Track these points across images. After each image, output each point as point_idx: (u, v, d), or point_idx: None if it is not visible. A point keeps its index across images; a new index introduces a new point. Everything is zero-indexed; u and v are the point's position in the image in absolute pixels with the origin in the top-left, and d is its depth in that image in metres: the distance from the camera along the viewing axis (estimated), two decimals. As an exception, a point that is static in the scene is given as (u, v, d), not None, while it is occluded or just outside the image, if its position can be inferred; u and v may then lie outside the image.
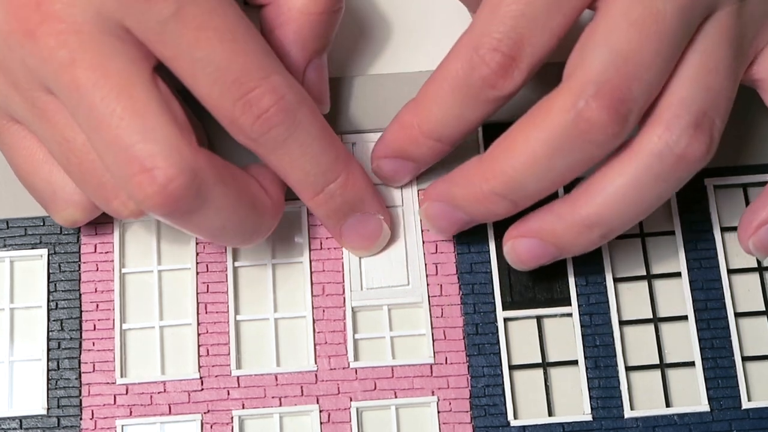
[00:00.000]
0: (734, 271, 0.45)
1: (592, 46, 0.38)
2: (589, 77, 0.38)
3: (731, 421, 0.42)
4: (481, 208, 0.41)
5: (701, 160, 0.39)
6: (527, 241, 0.41)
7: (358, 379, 0.43)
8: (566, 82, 0.38)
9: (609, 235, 0.40)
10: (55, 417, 0.42)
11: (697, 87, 0.39)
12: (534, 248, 0.41)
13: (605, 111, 0.37)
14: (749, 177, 0.46)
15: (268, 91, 0.38)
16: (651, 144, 0.38)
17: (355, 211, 0.42)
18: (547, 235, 0.41)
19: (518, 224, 0.42)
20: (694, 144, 0.38)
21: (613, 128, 0.38)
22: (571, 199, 0.40)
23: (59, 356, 0.43)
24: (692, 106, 0.38)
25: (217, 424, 0.42)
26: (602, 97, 0.37)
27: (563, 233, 0.40)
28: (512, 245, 0.42)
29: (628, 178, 0.39)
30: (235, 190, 0.39)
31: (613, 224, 0.40)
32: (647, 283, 0.44)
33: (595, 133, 0.38)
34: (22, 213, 0.44)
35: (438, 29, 0.47)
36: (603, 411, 0.42)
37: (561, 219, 0.40)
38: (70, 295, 0.43)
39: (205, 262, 0.44)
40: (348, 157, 0.42)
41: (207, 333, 0.43)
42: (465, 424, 0.42)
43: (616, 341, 0.43)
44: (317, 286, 0.44)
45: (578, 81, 0.38)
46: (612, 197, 0.39)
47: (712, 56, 0.39)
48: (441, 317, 0.43)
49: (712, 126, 0.39)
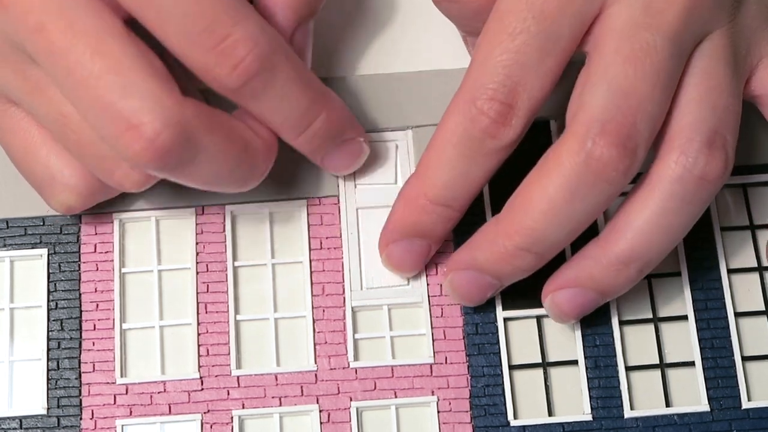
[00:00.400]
0: (734, 271, 0.45)
1: (590, 86, 0.38)
2: (593, 117, 0.38)
3: (731, 421, 0.42)
4: (507, 267, 0.40)
5: (721, 178, 0.39)
6: (566, 292, 0.41)
7: (358, 378, 0.43)
8: (570, 127, 0.38)
9: (646, 269, 0.40)
10: (55, 417, 0.42)
11: (704, 107, 0.39)
12: (575, 297, 0.41)
13: (614, 148, 0.37)
14: (749, 177, 0.46)
15: (242, 39, 0.37)
16: (669, 171, 0.38)
17: (337, 141, 0.42)
18: (585, 280, 0.40)
19: (554, 277, 0.41)
20: (711, 163, 0.38)
21: (624, 163, 0.38)
22: (601, 240, 0.40)
23: (59, 356, 0.43)
24: (702, 126, 0.39)
25: (217, 424, 0.42)
26: (608, 134, 0.37)
27: (601, 276, 0.40)
28: (552, 299, 0.41)
29: (653, 209, 0.39)
30: (225, 137, 0.38)
31: (648, 256, 0.40)
32: (647, 283, 0.44)
33: (608, 171, 0.38)
34: (22, 213, 0.44)
35: (439, 29, 0.47)
36: (603, 411, 0.42)
37: (596, 262, 0.40)
38: (70, 294, 0.43)
39: (205, 262, 0.44)
40: (326, 93, 0.41)
41: (207, 333, 0.43)
42: (465, 424, 0.42)
43: (616, 341, 0.43)
44: (317, 286, 0.44)
45: (582, 123, 0.38)
46: (641, 229, 0.39)
47: (712, 75, 0.39)
48: (441, 317, 0.43)
49: (725, 143, 0.39)
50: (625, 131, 0.38)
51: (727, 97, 0.39)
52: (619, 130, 0.38)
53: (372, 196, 0.45)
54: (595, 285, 0.40)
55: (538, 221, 0.39)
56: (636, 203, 0.39)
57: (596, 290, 0.41)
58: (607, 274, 0.40)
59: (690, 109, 0.39)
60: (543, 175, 0.39)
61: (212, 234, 0.44)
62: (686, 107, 0.39)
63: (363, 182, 0.45)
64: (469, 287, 0.42)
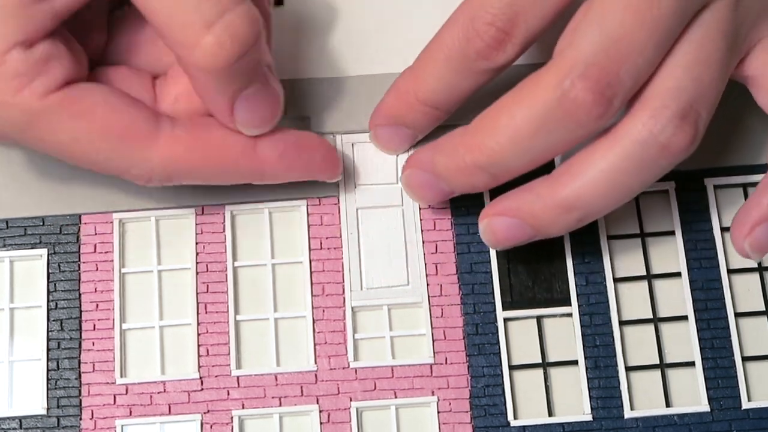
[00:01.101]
0: (734, 271, 0.45)
1: (585, 26, 0.38)
2: (578, 58, 0.38)
3: (731, 421, 0.42)
4: (461, 179, 0.41)
5: (684, 152, 0.39)
6: (504, 220, 0.41)
7: (358, 379, 0.43)
8: (555, 60, 0.39)
9: (585, 219, 0.40)
10: (55, 417, 0.42)
11: (687, 78, 0.39)
12: (511, 228, 0.41)
13: (590, 93, 0.38)
14: (749, 177, 0.46)
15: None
16: (635, 131, 0.38)
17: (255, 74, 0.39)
18: (525, 215, 0.41)
19: (496, 202, 0.42)
20: (678, 135, 0.38)
21: (597, 110, 0.38)
22: (551, 179, 0.40)
23: (59, 356, 0.43)
24: (680, 96, 0.38)
25: (217, 424, 0.42)
26: (588, 78, 0.38)
27: (541, 214, 0.40)
28: (488, 223, 0.42)
29: (609, 163, 0.39)
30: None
31: (591, 208, 0.40)
32: (647, 283, 0.44)
33: (579, 114, 0.38)
34: (22, 213, 0.44)
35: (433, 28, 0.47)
36: (603, 411, 0.42)
37: (540, 199, 0.40)
38: (69, 295, 0.43)
39: (205, 262, 0.44)
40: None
41: (207, 333, 0.43)
42: (465, 424, 0.42)
43: (616, 341, 0.43)
44: (317, 286, 0.44)
45: (566, 60, 0.38)
46: (592, 181, 0.39)
47: (704, 48, 0.39)
48: (441, 317, 0.43)
49: (697, 118, 0.39)
50: (607, 79, 0.38)
51: (714, 72, 0.39)
52: (600, 77, 0.38)
53: (372, 196, 0.45)
54: (534, 222, 0.40)
55: (500, 144, 0.39)
56: (595, 153, 0.39)
57: (533, 226, 0.41)
58: (547, 215, 0.40)
59: (674, 75, 0.39)
60: (515, 101, 0.39)
61: (212, 234, 0.44)
62: (671, 72, 0.39)
63: (363, 182, 0.45)
64: (424, 188, 0.43)
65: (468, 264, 0.44)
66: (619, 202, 0.40)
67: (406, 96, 0.43)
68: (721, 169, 0.45)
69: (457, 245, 0.44)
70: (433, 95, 0.42)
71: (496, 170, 0.40)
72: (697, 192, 0.45)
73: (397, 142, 0.45)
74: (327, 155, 0.43)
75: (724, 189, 0.46)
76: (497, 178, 0.40)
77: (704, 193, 0.45)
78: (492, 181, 0.41)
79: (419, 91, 0.42)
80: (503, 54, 0.40)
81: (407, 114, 0.43)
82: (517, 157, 0.39)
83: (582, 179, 0.39)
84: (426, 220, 0.45)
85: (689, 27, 0.39)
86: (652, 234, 0.45)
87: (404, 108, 0.43)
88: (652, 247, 0.45)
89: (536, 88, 0.38)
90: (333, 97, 0.46)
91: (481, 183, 0.41)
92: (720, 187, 0.46)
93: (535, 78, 0.39)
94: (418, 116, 0.43)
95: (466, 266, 0.44)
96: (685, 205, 0.45)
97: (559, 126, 0.38)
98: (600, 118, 0.38)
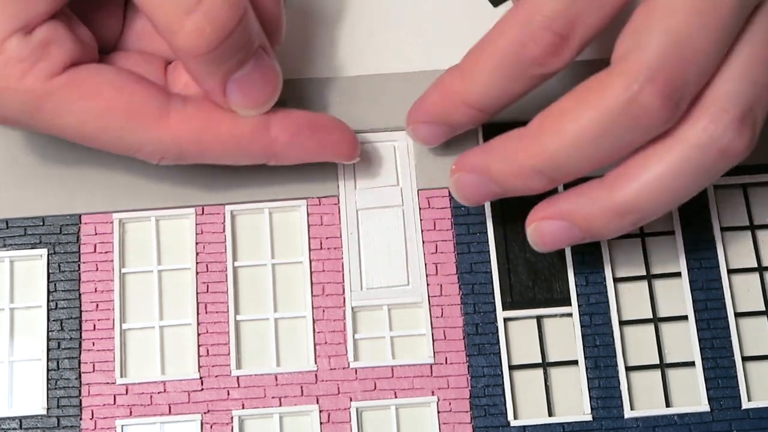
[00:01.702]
0: (734, 271, 0.45)
1: (649, 27, 0.37)
2: (645, 61, 0.37)
3: (731, 421, 0.42)
4: (518, 183, 0.40)
5: (742, 155, 0.38)
6: (554, 224, 0.41)
7: (358, 379, 0.43)
8: (620, 64, 0.38)
9: (639, 223, 0.40)
10: (55, 417, 0.42)
11: (746, 80, 0.38)
12: (560, 231, 0.40)
13: (659, 97, 0.37)
14: (749, 177, 0.46)
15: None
16: (695, 135, 0.38)
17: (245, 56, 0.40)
18: (578, 218, 0.40)
19: (546, 205, 0.41)
20: (737, 139, 0.38)
21: (665, 114, 0.37)
22: (606, 182, 0.40)
23: (59, 356, 0.43)
24: (739, 100, 0.38)
25: (217, 424, 0.42)
26: (657, 82, 0.37)
27: (595, 218, 0.40)
28: (537, 227, 0.41)
29: (667, 167, 0.38)
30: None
31: (646, 212, 0.39)
32: (647, 283, 0.44)
33: (647, 119, 0.37)
34: (22, 213, 0.44)
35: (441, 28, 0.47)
36: (603, 411, 0.42)
37: (594, 203, 0.40)
38: (70, 295, 0.43)
39: (205, 262, 0.44)
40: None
41: (207, 333, 0.43)
42: (465, 424, 0.42)
43: (616, 341, 0.43)
44: (317, 286, 0.44)
45: (633, 64, 0.37)
46: (649, 185, 0.39)
47: (762, 49, 0.38)
48: (441, 317, 0.43)
49: (755, 121, 0.38)
50: (674, 83, 0.37)
51: None
52: (668, 81, 0.37)
53: (372, 197, 0.45)
54: (586, 225, 0.40)
55: (563, 149, 0.38)
56: (652, 157, 0.39)
57: (585, 230, 0.40)
58: (601, 218, 0.40)
59: (733, 77, 0.38)
60: (581, 103, 0.38)
61: (212, 234, 0.44)
62: (730, 74, 0.38)
63: (363, 183, 0.45)
64: (475, 191, 0.42)
65: (468, 264, 0.44)
66: (673, 205, 0.40)
67: (453, 97, 0.42)
68: (721, 169, 0.45)
69: (457, 245, 0.44)
70: (482, 99, 0.41)
71: (556, 174, 0.39)
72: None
73: (435, 139, 0.44)
74: (343, 136, 0.43)
75: (724, 189, 0.46)
76: (555, 182, 0.40)
77: (704, 193, 0.45)
78: (549, 184, 0.40)
79: (467, 93, 0.41)
80: (559, 59, 0.39)
81: (452, 114, 0.42)
82: (579, 161, 0.39)
83: (638, 183, 0.39)
84: (426, 220, 0.45)
85: (746, 28, 0.38)
86: (652, 234, 0.45)
87: (450, 108, 0.42)
88: (652, 247, 0.45)
89: (603, 91, 0.38)
90: (333, 97, 0.46)
91: (538, 186, 0.40)
92: (720, 187, 0.46)
93: (600, 81, 0.38)
94: (462, 117, 0.42)
95: (466, 266, 0.44)
96: (685, 205, 0.45)
97: (625, 130, 0.38)
98: (667, 122, 0.38)
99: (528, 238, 0.42)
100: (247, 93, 0.40)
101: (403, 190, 0.45)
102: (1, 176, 0.44)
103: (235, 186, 0.44)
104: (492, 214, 0.44)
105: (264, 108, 0.41)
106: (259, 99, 0.41)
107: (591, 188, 0.40)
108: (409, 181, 0.45)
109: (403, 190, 0.45)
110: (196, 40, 0.37)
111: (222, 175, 0.44)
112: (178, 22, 0.37)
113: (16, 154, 0.45)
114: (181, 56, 0.39)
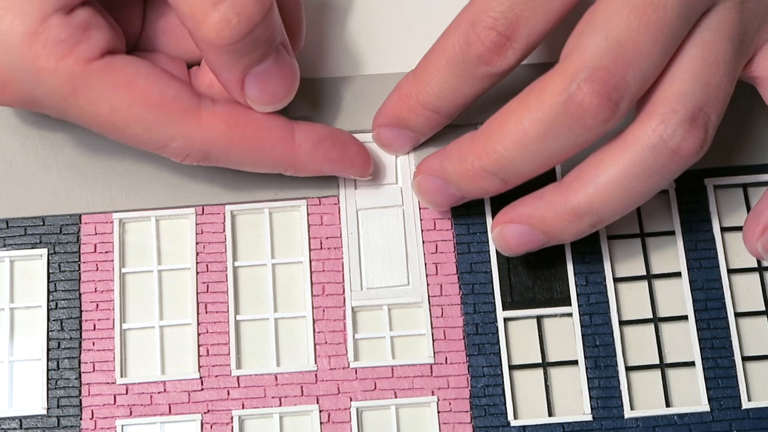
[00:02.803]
0: (734, 271, 0.45)
1: (590, 30, 0.38)
2: (584, 61, 0.38)
3: (731, 421, 0.42)
4: (472, 184, 0.41)
5: (695, 155, 0.39)
6: (516, 227, 0.41)
7: (358, 379, 0.43)
8: (561, 65, 0.39)
9: (598, 225, 0.40)
10: (55, 417, 0.42)
11: (696, 81, 0.39)
12: (523, 235, 0.41)
13: (596, 96, 0.37)
14: (749, 177, 0.46)
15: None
16: (645, 136, 0.38)
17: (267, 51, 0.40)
18: (537, 222, 0.41)
19: (508, 210, 0.42)
20: (688, 139, 0.38)
21: (603, 113, 0.38)
22: (562, 186, 0.40)
23: (59, 356, 0.43)
24: (689, 100, 0.38)
25: (217, 424, 0.42)
26: (595, 81, 0.37)
27: (553, 221, 0.40)
28: (500, 231, 0.42)
29: (620, 169, 0.39)
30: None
31: (603, 214, 0.40)
32: (647, 283, 0.44)
33: (586, 118, 0.38)
34: (22, 213, 0.44)
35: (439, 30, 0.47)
36: (603, 411, 0.42)
37: (551, 206, 0.40)
38: (70, 295, 0.43)
39: (205, 262, 0.44)
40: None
41: (207, 333, 0.43)
42: (465, 424, 0.42)
43: (616, 341, 0.43)
44: (317, 286, 0.44)
45: (573, 64, 0.38)
46: (604, 187, 0.39)
47: (712, 50, 0.39)
48: (441, 317, 0.43)
49: (707, 122, 0.39)
50: (613, 82, 0.38)
51: (721, 74, 0.39)
52: (606, 80, 0.37)
53: (372, 196, 0.45)
54: (545, 228, 0.41)
55: (508, 149, 0.39)
56: (605, 159, 0.39)
57: (545, 233, 0.41)
58: (559, 221, 0.40)
59: (682, 78, 0.39)
60: (523, 105, 0.39)
61: (212, 234, 0.44)
62: (679, 76, 0.39)
63: (363, 182, 0.45)
64: (435, 194, 0.43)
65: (468, 264, 0.44)
66: (630, 207, 0.40)
67: (408, 99, 0.43)
68: (721, 169, 0.45)
69: (457, 245, 0.44)
70: (435, 99, 0.42)
71: (506, 175, 0.40)
72: (697, 192, 0.45)
73: (398, 143, 0.45)
74: (361, 150, 0.44)
75: (724, 189, 0.46)
76: (507, 183, 0.40)
77: (704, 193, 0.45)
78: (503, 185, 0.40)
79: (421, 94, 0.42)
80: (504, 59, 0.40)
81: (409, 117, 0.43)
82: (526, 161, 0.39)
83: (593, 185, 0.39)
84: (426, 220, 0.45)
85: (695, 30, 0.39)
86: (652, 234, 0.45)
87: (406, 110, 0.43)
88: (652, 247, 0.45)
89: (543, 92, 0.38)
90: (334, 97, 0.46)
91: (491, 187, 0.41)
92: (720, 187, 0.46)
93: (542, 82, 0.39)
94: (419, 119, 0.43)
95: (466, 266, 0.44)
96: (685, 205, 0.45)
97: (566, 130, 0.38)
98: (607, 122, 0.38)
99: (493, 242, 0.43)
100: (264, 88, 0.40)
101: (403, 190, 0.45)
102: (1, 176, 0.44)
103: (235, 186, 0.44)
104: (492, 214, 0.44)
105: (280, 105, 0.41)
106: (276, 95, 0.41)
107: (548, 192, 0.41)
108: (409, 181, 0.45)
109: (403, 190, 0.45)
110: (222, 30, 0.37)
111: (222, 175, 0.44)
112: (204, 12, 0.37)
113: (16, 154, 0.45)
114: (204, 47, 0.39)
